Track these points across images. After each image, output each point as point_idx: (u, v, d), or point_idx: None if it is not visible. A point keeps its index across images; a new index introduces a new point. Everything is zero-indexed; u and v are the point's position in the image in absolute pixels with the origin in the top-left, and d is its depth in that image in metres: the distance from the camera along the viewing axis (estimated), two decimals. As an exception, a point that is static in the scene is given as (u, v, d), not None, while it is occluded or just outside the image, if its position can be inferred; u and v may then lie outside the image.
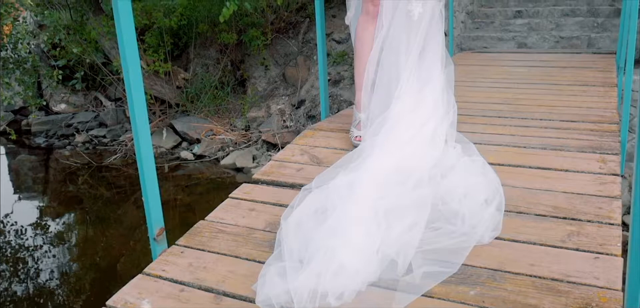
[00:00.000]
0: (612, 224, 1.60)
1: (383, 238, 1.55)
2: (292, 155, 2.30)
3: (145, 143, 1.68)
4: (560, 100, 3.06)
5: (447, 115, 2.21)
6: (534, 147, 2.22)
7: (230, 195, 2.01)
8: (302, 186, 1.91)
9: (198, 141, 6.56)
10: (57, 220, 5.44)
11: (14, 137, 6.38)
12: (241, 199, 1.97)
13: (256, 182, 2.11)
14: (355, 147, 2.27)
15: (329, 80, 6.41)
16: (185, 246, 1.70)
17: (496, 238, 1.59)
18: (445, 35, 5.36)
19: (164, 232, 1.73)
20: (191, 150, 6.45)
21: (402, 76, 2.24)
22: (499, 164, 2.06)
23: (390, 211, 1.66)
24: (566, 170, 1.99)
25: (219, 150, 6.29)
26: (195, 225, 1.83)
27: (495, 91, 3.44)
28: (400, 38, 2.26)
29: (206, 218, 1.87)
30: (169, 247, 1.71)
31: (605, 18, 6.37)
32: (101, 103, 8.05)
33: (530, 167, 2.04)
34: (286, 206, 1.82)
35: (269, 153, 6.01)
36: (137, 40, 1.60)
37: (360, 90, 2.36)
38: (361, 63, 2.35)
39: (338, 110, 6.16)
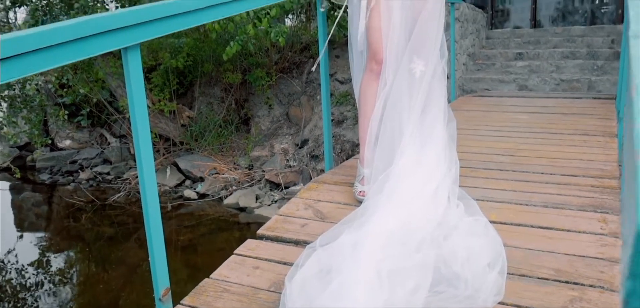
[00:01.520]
0: (614, 290, 1.62)
1: (386, 302, 1.57)
2: (296, 210, 2.33)
3: (153, 207, 1.71)
4: (561, 152, 3.09)
5: (449, 172, 2.24)
6: (536, 205, 2.24)
7: (234, 251, 2.03)
8: (307, 243, 1.93)
9: (201, 180, 6.59)
10: (59, 257, 5.45)
11: (18, 175, 6.43)
12: (246, 256, 1.99)
13: (261, 237, 2.14)
14: (359, 202, 2.29)
15: (332, 120, 6.48)
16: (190, 306, 1.72)
17: (499, 303, 1.60)
18: (447, 78, 5.45)
19: (170, 292, 1.75)
20: (194, 189, 6.48)
21: (404, 133, 2.28)
22: (501, 222, 2.09)
23: (393, 273, 1.68)
24: (568, 230, 2.01)
25: (222, 189, 6.32)
26: (200, 284, 1.84)
27: (496, 140, 3.48)
28: (402, 96, 2.31)
29: (211, 276, 1.89)
30: (174, 306, 1.73)
31: (605, 61, 6.45)
32: (106, 140, 8.12)
33: (531, 226, 2.06)
34: (291, 264, 1.83)
35: (272, 192, 6.04)
36: (144, 80, 1.66)
37: (363, 145, 2.40)
38: (365, 119, 2.40)
39: (341, 151, 6.21)
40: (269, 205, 5.76)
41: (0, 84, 1.31)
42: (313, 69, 2.47)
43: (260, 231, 2.17)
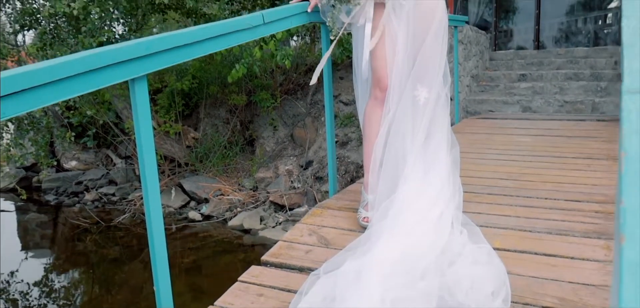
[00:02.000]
0: (618, 320, 1.61)
1: (391, 332, 1.57)
2: (300, 236, 2.33)
3: (158, 229, 1.73)
4: (565, 176, 3.10)
5: (453, 199, 2.25)
6: (539, 231, 2.24)
7: (239, 278, 2.04)
8: (311, 270, 1.94)
9: (206, 201, 6.61)
10: (64, 278, 5.46)
11: (24, 197, 6.47)
12: (250, 283, 1.99)
13: (265, 264, 2.15)
14: (363, 228, 2.30)
15: (336, 142, 6.50)
16: (195, 334, 1.72)
17: (503, 332, 1.60)
18: (451, 99, 5.48)
19: (175, 320, 1.76)
20: (199, 210, 6.50)
21: (408, 159, 2.30)
22: (505, 249, 2.09)
23: (397, 301, 1.69)
24: (572, 257, 2.01)
25: (226, 211, 6.33)
26: (205, 312, 1.85)
27: (500, 164, 3.48)
28: (406, 122, 2.33)
29: (215, 303, 1.90)
30: (179, 335, 1.73)
31: (609, 82, 6.46)
32: (112, 161, 8.17)
33: (535, 253, 2.06)
34: (295, 292, 1.84)
35: (277, 214, 6.05)
36: (149, 102, 1.69)
37: (368, 172, 2.42)
38: (369, 145, 2.41)
39: (345, 172, 6.22)
40: (273, 227, 5.77)
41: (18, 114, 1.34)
42: (311, 83, 2.49)
43: (264, 257, 2.18)
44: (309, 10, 2.52)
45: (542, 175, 3.13)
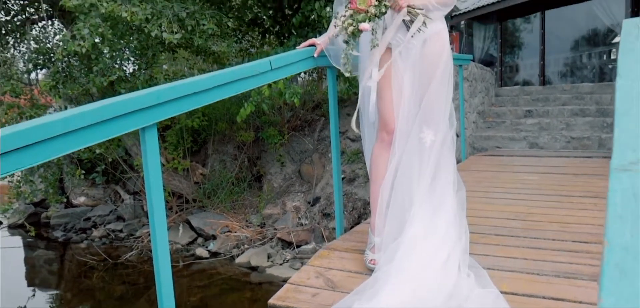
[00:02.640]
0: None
1: None
2: (307, 278, 2.34)
3: (164, 267, 1.75)
4: (572, 216, 3.09)
5: (459, 241, 2.26)
6: (547, 274, 2.24)
7: (247, 322, 2.04)
8: (318, 314, 1.94)
9: (214, 237, 6.62)
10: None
11: (33, 233, 6.51)
12: (258, 328, 2.00)
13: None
14: (370, 270, 2.31)
15: (343, 178, 6.52)
16: None
17: None
18: (457, 136, 5.50)
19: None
20: (206, 247, 6.50)
21: (414, 201, 2.31)
22: (512, 293, 2.08)
23: (405, 347, 1.69)
24: (580, 302, 2.00)
25: (234, 248, 6.33)
26: (212, 357, 1.85)
27: (507, 203, 3.48)
28: (412, 164, 2.35)
29: (223, 348, 1.90)
30: None
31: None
32: (120, 197, 8.22)
33: (543, 297, 2.05)
34: (302, 337, 1.84)
35: (284, 251, 6.03)
36: (158, 139, 1.72)
37: (374, 214, 2.43)
38: (376, 188, 2.43)
39: (353, 209, 6.22)
40: (281, 264, 5.75)
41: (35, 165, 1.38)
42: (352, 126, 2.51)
43: (271, 301, 2.18)
44: (315, 55, 2.57)
45: (549, 215, 3.12)
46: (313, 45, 2.61)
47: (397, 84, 2.39)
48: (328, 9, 5.67)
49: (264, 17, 7.34)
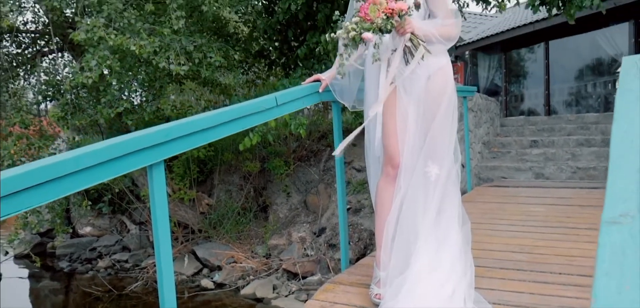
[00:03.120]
0: None
1: None
2: (312, 313, 2.34)
3: (170, 299, 1.76)
4: (578, 249, 3.08)
5: (465, 276, 2.26)
6: (553, 310, 2.23)
7: (252, 358, 2.04)
8: (323, 350, 1.94)
9: (219, 268, 6.60)
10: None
11: (38, 264, 6.52)
12: (263, 363, 1.99)
13: (278, 343, 2.15)
14: (375, 305, 2.31)
15: (349, 209, 6.52)
16: None
17: None
18: (462, 166, 5.51)
19: None
20: (212, 278, 6.48)
21: (420, 236, 2.32)
22: (519, 329, 2.07)
23: None
24: (587, 338, 1.99)
25: (239, 279, 6.31)
26: None
27: (513, 235, 3.47)
28: (417, 199, 2.37)
29: None
30: None
31: (621, 149, 6.46)
32: (126, 227, 8.24)
33: (550, 334, 2.04)
34: None
35: (289, 282, 6.01)
36: (165, 169, 1.75)
37: (380, 248, 2.44)
38: (381, 222, 2.44)
39: (359, 240, 6.21)
40: (286, 296, 5.72)
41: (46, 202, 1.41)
42: (334, 154, 2.54)
43: (277, 336, 2.18)
44: (320, 90, 2.61)
45: (555, 248, 3.11)
46: (318, 80, 2.65)
47: (401, 118, 2.42)
48: (332, 34, 5.75)
49: (270, 49, 7.44)
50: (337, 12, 2.32)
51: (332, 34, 2.28)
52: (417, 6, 2.34)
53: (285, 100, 2.33)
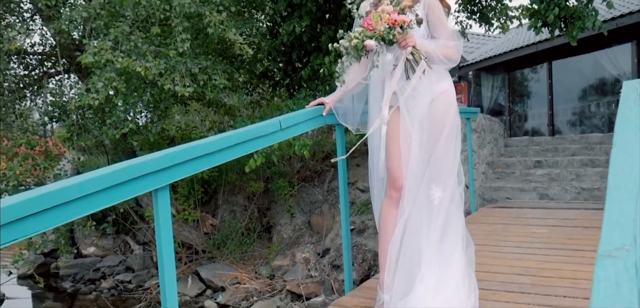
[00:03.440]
0: None
1: None
2: (316, 336, 2.33)
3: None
4: (582, 272, 3.07)
5: (469, 299, 2.26)
6: (558, 334, 2.22)
7: None
8: None
9: (222, 289, 6.58)
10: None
11: (41, 285, 6.53)
12: None
13: (281, 367, 2.14)
14: (379, 328, 2.30)
15: (353, 229, 6.51)
16: None
17: None
18: (467, 187, 5.50)
19: None
20: (215, 299, 6.46)
21: (423, 259, 2.32)
22: (523, 354, 2.06)
23: None
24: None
25: (243, 300, 6.28)
26: None
27: (517, 257, 3.46)
28: (421, 222, 2.37)
29: None
30: None
31: (626, 170, 6.44)
32: (129, 247, 8.24)
33: (555, 358, 2.03)
34: None
35: (293, 304, 5.98)
36: (169, 190, 1.76)
37: (383, 271, 2.44)
38: (384, 245, 2.45)
39: (363, 260, 6.19)
40: (290, 317, 5.69)
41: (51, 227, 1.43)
42: (332, 160, 2.55)
43: (280, 360, 2.17)
44: (324, 113, 2.63)
45: (560, 271, 3.10)
46: (322, 103, 2.68)
47: (405, 141, 2.43)
48: (335, 44, 5.79)
49: (274, 70, 7.49)
50: (341, 31, 2.35)
51: (335, 44, 2.31)
52: (419, 22, 2.37)
53: (289, 124, 2.35)
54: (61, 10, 6.46)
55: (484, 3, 8.29)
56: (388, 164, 2.47)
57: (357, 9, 2.48)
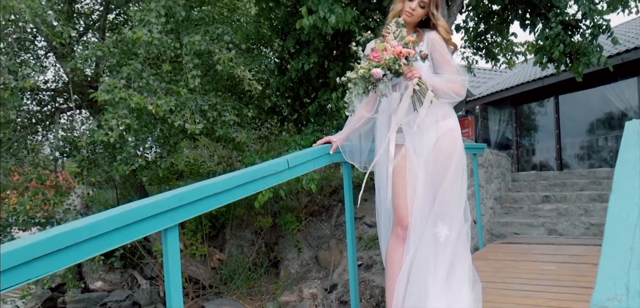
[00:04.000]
0: None
1: None
2: None
3: None
4: (592, 310, 3.04)
5: (476, 339, 2.24)
6: None
7: None
8: None
9: (229, 325, 6.55)
10: None
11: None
12: None
13: None
14: (386, 367, 2.29)
15: (360, 265, 6.48)
16: None
17: None
18: (474, 223, 5.49)
19: None
20: (222, 335, 6.42)
21: (430, 297, 2.32)
22: None
23: None
24: None
25: (249, 336, 6.24)
26: None
27: (525, 295, 3.43)
28: (428, 260, 2.38)
29: None
30: None
31: (635, 205, 6.40)
32: (137, 281, 8.23)
33: None
34: None
35: (300, 340, 5.93)
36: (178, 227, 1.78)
37: (390, 309, 2.44)
38: (391, 283, 2.45)
39: (371, 296, 6.15)
40: (297, 354, 5.64)
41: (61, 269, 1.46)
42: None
43: None
44: (331, 152, 2.67)
45: (569, 309, 3.07)
46: (329, 142, 2.71)
47: (411, 179, 2.45)
48: (342, 78, 5.86)
49: (282, 105, 7.58)
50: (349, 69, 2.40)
51: (343, 77, 2.37)
52: (424, 58, 2.42)
53: (297, 163, 2.39)
54: (75, 48, 6.62)
55: (489, 40, 8.38)
56: (394, 202, 2.49)
57: (363, 50, 2.54)
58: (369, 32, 2.73)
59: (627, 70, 8.70)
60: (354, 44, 2.50)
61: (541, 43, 6.30)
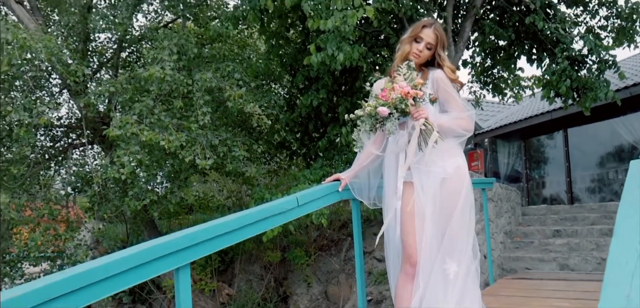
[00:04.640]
0: None
1: None
2: None
3: None
4: (605, 348, 3.00)
5: None
6: None
7: None
8: None
9: (238, 362, 6.49)
10: None
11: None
12: None
13: None
14: None
15: (370, 300, 6.44)
16: None
17: None
18: (485, 258, 5.45)
19: None
20: None
21: (439, 335, 2.32)
22: None
23: None
24: None
25: None
26: None
27: (537, 333, 3.40)
28: (437, 297, 2.38)
29: None
30: None
31: (648, 239, 6.33)
32: (146, 317, 8.21)
33: None
34: None
35: None
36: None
37: (399, 347, 2.43)
38: (400, 321, 2.45)
39: (380, 333, 6.08)
40: None
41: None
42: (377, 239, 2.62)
43: None
44: (340, 189, 2.70)
45: (581, 348, 3.03)
46: (338, 179, 2.75)
47: (419, 217, 2.47)
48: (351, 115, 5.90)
49: (291, 140, 7.65)
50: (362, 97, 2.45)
51: (351, 115, 2.43)
52: (433, 101, 2.47)
53: (307, 201, 2.42)
54: (88, 85, 6.76)
55: (496, 74, 8.44)
56: (403, 239, 2.50)
57: (371, 86, 2.60)
58: (378, 71, 2.80)
59: (636, 103, 8.70)
60: (368, 84, 2.56)
61: (548, 78, 6.34)
